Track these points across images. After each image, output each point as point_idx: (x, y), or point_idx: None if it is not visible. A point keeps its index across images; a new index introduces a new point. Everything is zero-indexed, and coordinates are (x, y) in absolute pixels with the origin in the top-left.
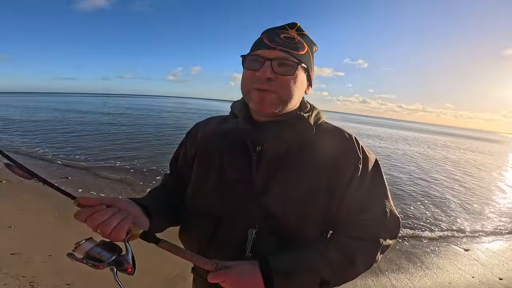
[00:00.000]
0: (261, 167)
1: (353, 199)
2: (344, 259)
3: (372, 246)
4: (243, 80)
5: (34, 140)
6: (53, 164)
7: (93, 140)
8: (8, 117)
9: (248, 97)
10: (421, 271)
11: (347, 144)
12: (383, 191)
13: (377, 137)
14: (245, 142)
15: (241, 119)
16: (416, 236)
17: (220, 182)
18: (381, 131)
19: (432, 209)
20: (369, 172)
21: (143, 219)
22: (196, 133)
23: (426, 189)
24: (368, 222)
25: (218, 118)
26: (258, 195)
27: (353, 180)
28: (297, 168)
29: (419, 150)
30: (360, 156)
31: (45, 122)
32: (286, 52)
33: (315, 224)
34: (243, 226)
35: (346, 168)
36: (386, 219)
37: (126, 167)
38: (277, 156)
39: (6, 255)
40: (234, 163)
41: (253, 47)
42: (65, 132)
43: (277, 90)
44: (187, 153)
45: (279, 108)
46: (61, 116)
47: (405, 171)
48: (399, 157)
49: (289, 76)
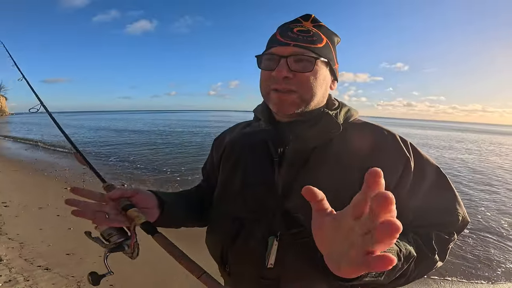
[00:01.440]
0: (283, 169)
1: (407, 205)
2: (422, 246)
3: (445, 238)
4: (261, 81)
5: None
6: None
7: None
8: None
9: (268, 98)
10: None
11: (388, 142)
12: (450, 195)
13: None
14: (266, 144)
15: (263, 121)
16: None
17: (243, 185)
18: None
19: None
20: (428, 174)
21: (154, 211)
22: (223, 139)
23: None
24: (436, 227)
25: (243, 123)
26: (280, 199)
27: (404, 183)
28: (322, 170)
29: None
30: (407, 155)
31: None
32: (302, 47)
33: None
34: (263, 232)
35: (390, 169)
36: (457, 226)
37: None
38: (300, 157)
39: (61, 256)
40: (256, 166)
41: (267, 46)
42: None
43: (297, 89)
44: (213, 158)
45: (301, 107)
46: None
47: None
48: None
49: (308, 72)
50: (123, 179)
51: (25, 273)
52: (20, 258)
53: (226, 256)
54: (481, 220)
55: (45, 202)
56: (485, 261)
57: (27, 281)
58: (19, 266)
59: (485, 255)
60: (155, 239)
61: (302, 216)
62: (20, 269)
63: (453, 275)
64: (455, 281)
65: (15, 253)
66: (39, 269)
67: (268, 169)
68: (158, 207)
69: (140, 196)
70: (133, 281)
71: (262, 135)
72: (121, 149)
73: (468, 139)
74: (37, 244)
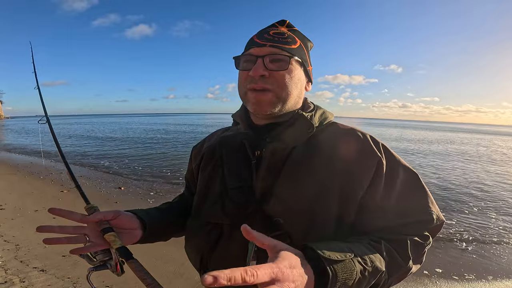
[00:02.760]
0: (260, 172)
1: (382, 206)
2: (395, 255)
3: (419, 243)
4: (239, 83)
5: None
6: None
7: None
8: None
9: (245, 99)
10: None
11: (360, 143)
12: (422, 194)
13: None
14: (244, 148)
15: (242, 125)
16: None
17: (222, 191)
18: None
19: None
20: (400, 174)
21: (137, 232)
22: (201, 145)
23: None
24: (410, 225)
25: (222, 129)
26: (259, 204)
27: (377, 184)
28: (300, 173)
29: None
30: (379, 155)
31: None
32: (277, 47)
33: (326, 234)
34: (243, 238)
35: (363, 170)
36: (432, 225)
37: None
38: (278, 160)
39: (57, 258)
40: (234, 170)
41: (245, 49)
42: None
43: (272, 88)
44: (192, 166)
45: (278, 107)
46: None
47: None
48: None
49: (283, 71)
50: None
51: (21, 274)
52: (16, 259)
53: (206, 263)
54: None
55: (41, 205)
56: (480, 258)
57: (23, 282)
58: (14, 268)
59: (480, 253)
60: (129, 264)
61: (281, 220)
62: (15, 270)
63: (450, 272)
64: (453, 279)
65: (10, 254)
66: (35, 270)
67: (247, 172)
68: (141, 227)
69: (121, 218)
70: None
71: (239, 138)
72: (123, 152)
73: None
74: (33, 246)
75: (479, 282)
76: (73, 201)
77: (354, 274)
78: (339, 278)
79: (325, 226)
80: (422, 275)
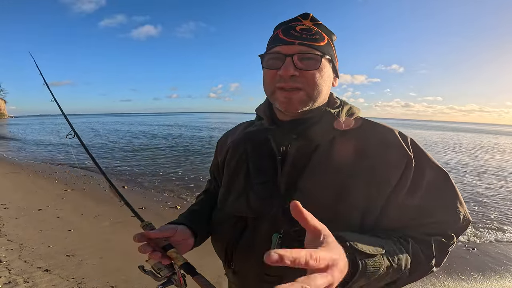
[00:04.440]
0: (285, 168)
1: (408, 203)
2: (420, 252)
3: (444, 242)
4: (265, 81)
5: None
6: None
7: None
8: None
9: (273, 97)
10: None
11: (389, 140)
12: (452, 193)
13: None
14: (269, 143)
15: (266, 120)
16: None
17: (247, 185)
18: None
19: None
20: (427, 171)
21: (190, 241)
22: (226, 139)
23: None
24: (436, 225)
25: (246, 123)
26: (283, 198)
27: (405, 181)
28: (325, 168)
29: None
30: (409, 153)
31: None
32: (307, 45)
33: (350, 229)
34: (267, 230)
35: (391, 168)
36: (459, 225)
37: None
38: (303, 156)
39: (61, 257)
40: (259, 166)
41: (269, 45)
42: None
43: (303, 87)
44: (217, 160)
45: (309, 105)
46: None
47: None
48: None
49: (314, 70)
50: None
51: (25, 274)
52: (20, 259)
53: (231, 254)
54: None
55: (45, 204)
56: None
57: (27, 282)
58: (18, 268)
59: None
60: (196, 280)
61: None
62: (19, 270)
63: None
64: (460, 278)
65: (14, 254)
66: (39, 270)
67: (271, 168)
68: (192, 236)
69: (178, 234)
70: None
71: (264, 134)
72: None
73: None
74: (37, 246)
75: (486, 282)
76: (78, 201)
77: (381, 269)
78: (367, 272)
79: (350, 221)
80: (430, 274)
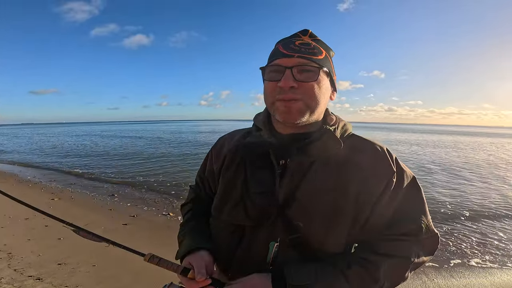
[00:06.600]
0: (284, 180)
1: (383, 214)
2: (365, 277)
3: (401, 263)
4: (266, 93)
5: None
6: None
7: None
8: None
9: (273, 108)
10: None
11: (378, 157)
12: (419, 206)
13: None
14: (268, 156)
15: (264, 132)
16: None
17: (244, 195)
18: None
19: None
20: (405, 186)
21: (213, 261)
22: (222, 147)
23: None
24: (400, 238)
25: (242, 131)
26: (281, 208)
27: (385, 194)
28: (322, 182)
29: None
30: (394, 169)
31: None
32: (305, 58)
33: (340, 238)
34: (265, 239)
35: (378, 182)
36: (421, 235)
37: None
38: (301, 170)
39: (53, 266)
40: (257, 176)
41: (270, 58)
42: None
43: (302, 98)
44: (213, 166)
45: (307, 115)
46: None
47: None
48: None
49: (312, 82)
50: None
51: (16, 283)
52: (9, 268)
53: (230, 262)
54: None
55: (32, 212)
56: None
57: None
58: (9, 277)
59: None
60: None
61: (301, 223)
62: (10, 279)
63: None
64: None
65: (3, 263)
66: (30, 279)
67: (270, 180)
68: (210, 255)
69: (207, 267)
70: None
71: (264, 147)
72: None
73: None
74: (26, 254)
75: (476, 278)
76: (66, 209)
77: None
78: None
79: (340, 230)
80: (421, 272)
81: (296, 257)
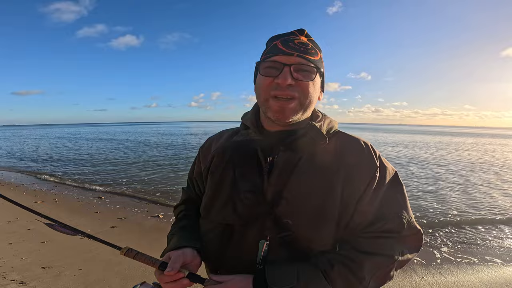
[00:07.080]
0: (272, 177)
1: (367, 210)
2: (349, 277)
3: (385, 261)
4: (259, 88)
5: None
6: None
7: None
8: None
9: (266, 105)
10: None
11: (363, 153)
12: (401, 201)
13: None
14: (256, 153)
15: (252, 130)
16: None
17: (233, 194)
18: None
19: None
20: (387, 182)
21: (197, 259)
22: (209, 147)
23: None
24: (382, 235)
25: (230, 131)
26: (270, 206)
27: (368, 189)
28: (309, 179)
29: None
30: (377, 165)
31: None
32: (304, 58)
33: (328, 235)
34: (254, 237)
35: (362, 178)
36: (404, 231)
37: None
38: (289, 167)
39: (37, 269)
40: (245, 174)
41: (267, 54)
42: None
43: (298, 96)
44: (200, 167)
45: (299, 114)
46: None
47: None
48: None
49: (309, 81)
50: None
51: None
52: None
53: (220, 261)
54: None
55: (13, 216)
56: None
57: None
58: None
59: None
60: (206, 285)
61: (290, 221)
62: None
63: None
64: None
65: None
66: (13, 283)
67: (258, 178)
68: (198, 254)
69: (193, 264)
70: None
71: (252, 145)
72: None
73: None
74: (8, 258)
75: (464, 275)
76: (50, 212)
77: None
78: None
79: (328, 226)
80: (409, 269)
81: (286, 256)
